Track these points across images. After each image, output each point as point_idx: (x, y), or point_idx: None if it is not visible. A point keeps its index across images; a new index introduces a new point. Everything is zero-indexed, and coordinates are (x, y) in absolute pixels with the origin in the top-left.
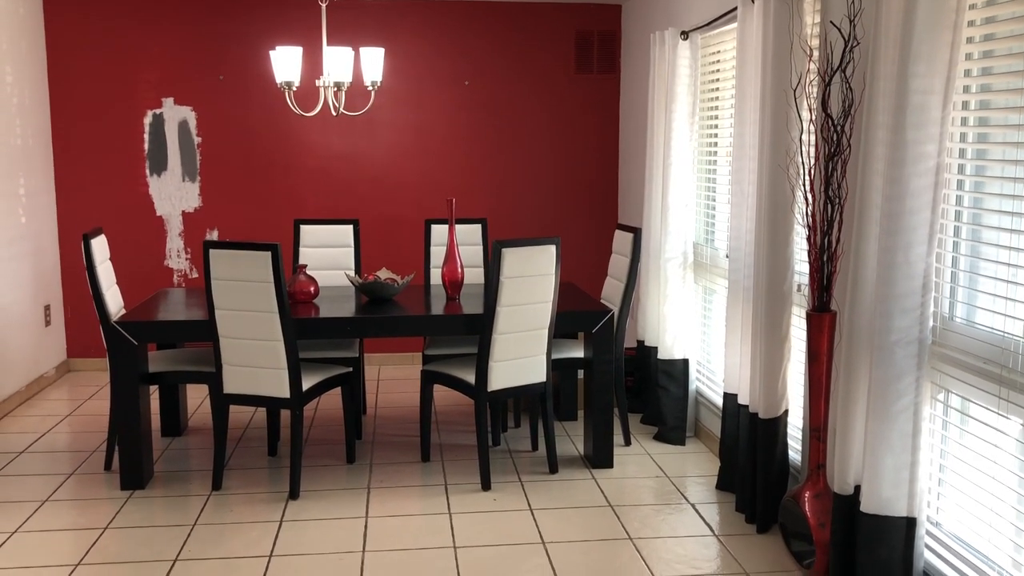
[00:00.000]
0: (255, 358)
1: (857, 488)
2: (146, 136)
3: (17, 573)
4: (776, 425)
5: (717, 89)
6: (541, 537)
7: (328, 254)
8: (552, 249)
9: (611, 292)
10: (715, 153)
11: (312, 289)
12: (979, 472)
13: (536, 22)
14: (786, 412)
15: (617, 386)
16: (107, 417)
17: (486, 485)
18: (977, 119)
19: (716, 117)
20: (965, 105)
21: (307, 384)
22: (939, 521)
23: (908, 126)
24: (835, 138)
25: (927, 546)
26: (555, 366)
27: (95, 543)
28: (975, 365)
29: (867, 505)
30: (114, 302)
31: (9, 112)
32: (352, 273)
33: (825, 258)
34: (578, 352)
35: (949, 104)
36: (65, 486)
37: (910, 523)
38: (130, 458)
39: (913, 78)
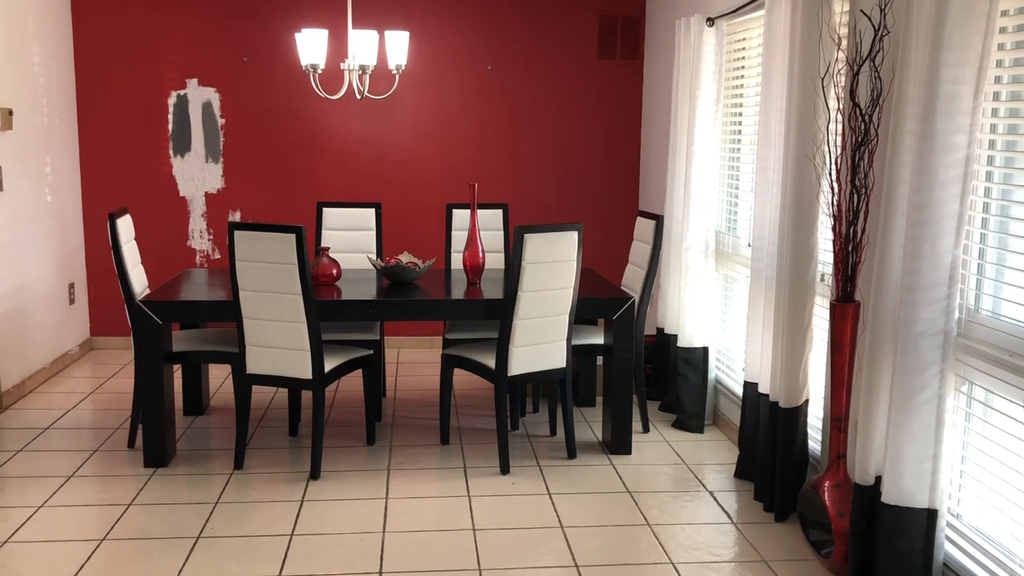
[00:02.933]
0: (278, 339)
1: (878, 479)
2: (170, 117)
3: (43, 547)
4: (796, 414)
5: (742, 77)
6: (559, 521)
7: (350, 237)
8: (574, 235)
9: (632, 279)
10: (739, 141)
11: (334, 272)
12: (1002, 465)
13: (559, 7)
14: (807, 402)
15: (636, 373)
16: (130, 395)
17: (505, 469)
18: (1008, 110)
19: (741, 105)
20: (996, 96)
21: (329, 366)
22: (960, 513)
23: (938, 116)
24: (863, 128)
25: (948, 538)
26: (574, 352)
27: (119, 519)
28: (1000, 358)
29: (888, 496)
30: (138, 281)
31: (36, 92)
32: (374, 256)
33: (850, 248)
34: (598, 338)
35: (980, 95)
36: (89, 462)
37: (931, 514)
38: (153, 436)
39: (944, 68)
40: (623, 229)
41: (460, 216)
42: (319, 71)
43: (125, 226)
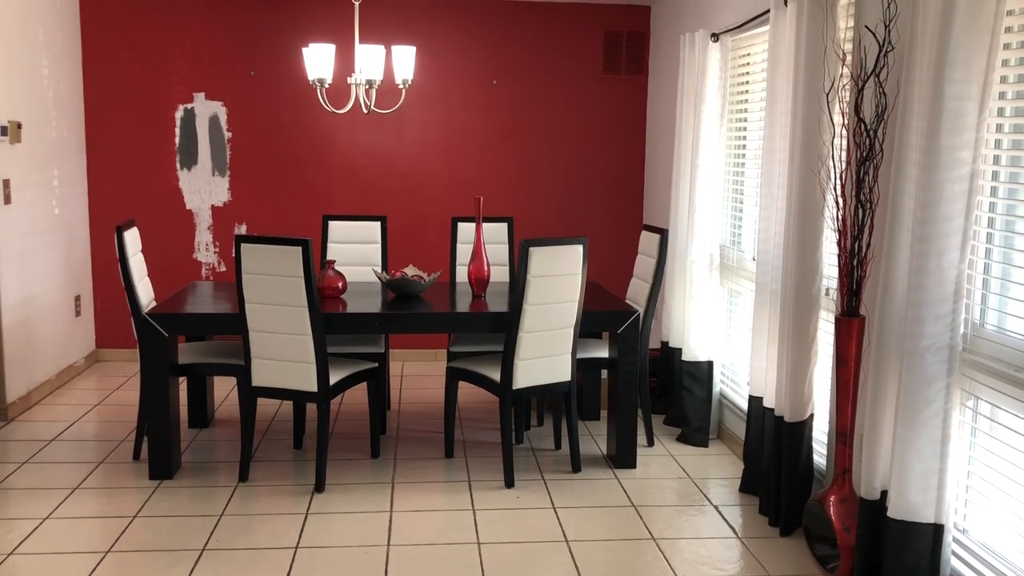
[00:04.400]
0: (284, 352)
1: (884, 493)
2: (177, 130)
3: (48, 559)
4: (801, 429)
5: (747, 92)
6: (564, 535)
7: (356, 250)
8: (579, 249)
9: (636, 293)
10: (743, 155)
11: (340, 284)
12: (1008, 480)
13: (565, 22)
14: (812, 416)
15: (641, 387)
16: (135, 407)
17: (510, 482)
18: (1013, 126)
19: (745, 120)
20: (1001, 112)
21: (334, 379)
22: (966, 528)
23: (943, 132)
24: (868, 143)
25: (954, 553)
26: (579, 365)
27: (124, 531)
28: (1005, 372)
29: (894, 511)
30: (145, 294)
31: (45, 105)
32: (379, 269)
33: (855, 263)
34: (602, 352)
35: (985, 110)
36: (94, 474)
37: (937, 529)
38: (158, 448)
39: (949, 83)
40: (628, 243)
41: (465, 229)
42: (326, 85)
43: (132, 239)
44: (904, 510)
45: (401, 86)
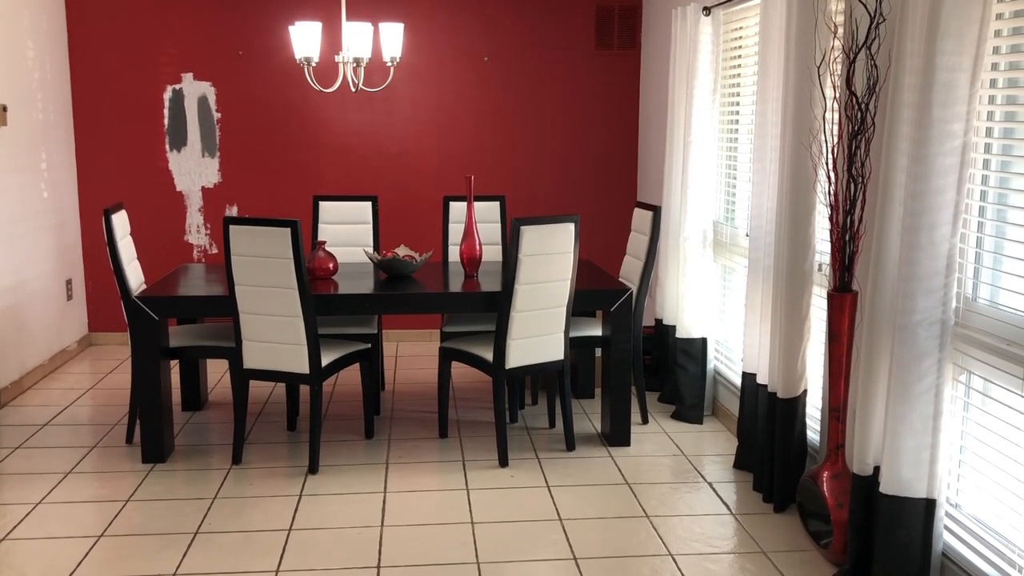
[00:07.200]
0: (275, 334)
1: (876, 469)
2: (166, 111)
3: (41, 543)
4: (795, 405)
5: (739, 66)
6: (558, 514)
7: (347, 231)
8: (571, 227)
9: (630, 270)
10: (736, 131)
11: (331, 265)
12: (1000, 454)
13: None
14: (805, 392)
15: (635, 364)
16: (128, 391)
17: (503, 462)
18: (1005, 97)
19: (738, 94)
20: (993, 83)
21: (326, 360)
22: (959, 503)
23: (935, 104)
24: (859, 116)
25: (946, 527)
26: (573, 344)
27: (117, 515)
28: (998, 347)
29: (886, 486)
30: (135, 277)
31: (31, 87)
32: (371, 250)
33: (847, 238)
34: (596, 330)
35: (977, 82)
36: (87, 458)
37: (929, 504)
38: (151, 432)
39: (941, 55)
40: (621, 220)
41: (457, 209)
42: (313, 64)
43: (120, 222)
44: (896, 485)
45: (389, 64)
